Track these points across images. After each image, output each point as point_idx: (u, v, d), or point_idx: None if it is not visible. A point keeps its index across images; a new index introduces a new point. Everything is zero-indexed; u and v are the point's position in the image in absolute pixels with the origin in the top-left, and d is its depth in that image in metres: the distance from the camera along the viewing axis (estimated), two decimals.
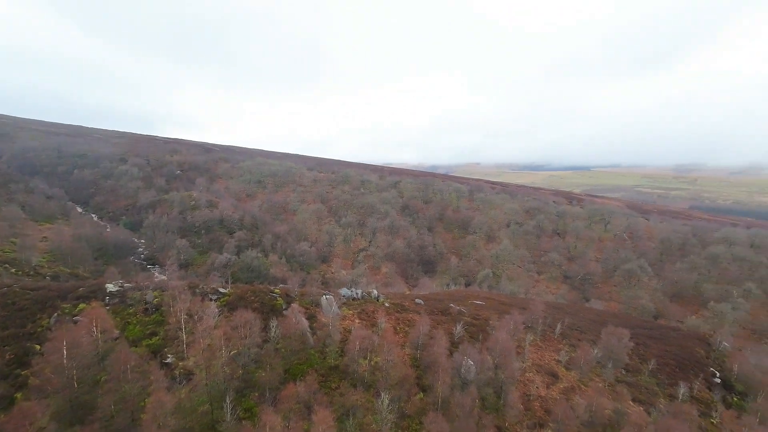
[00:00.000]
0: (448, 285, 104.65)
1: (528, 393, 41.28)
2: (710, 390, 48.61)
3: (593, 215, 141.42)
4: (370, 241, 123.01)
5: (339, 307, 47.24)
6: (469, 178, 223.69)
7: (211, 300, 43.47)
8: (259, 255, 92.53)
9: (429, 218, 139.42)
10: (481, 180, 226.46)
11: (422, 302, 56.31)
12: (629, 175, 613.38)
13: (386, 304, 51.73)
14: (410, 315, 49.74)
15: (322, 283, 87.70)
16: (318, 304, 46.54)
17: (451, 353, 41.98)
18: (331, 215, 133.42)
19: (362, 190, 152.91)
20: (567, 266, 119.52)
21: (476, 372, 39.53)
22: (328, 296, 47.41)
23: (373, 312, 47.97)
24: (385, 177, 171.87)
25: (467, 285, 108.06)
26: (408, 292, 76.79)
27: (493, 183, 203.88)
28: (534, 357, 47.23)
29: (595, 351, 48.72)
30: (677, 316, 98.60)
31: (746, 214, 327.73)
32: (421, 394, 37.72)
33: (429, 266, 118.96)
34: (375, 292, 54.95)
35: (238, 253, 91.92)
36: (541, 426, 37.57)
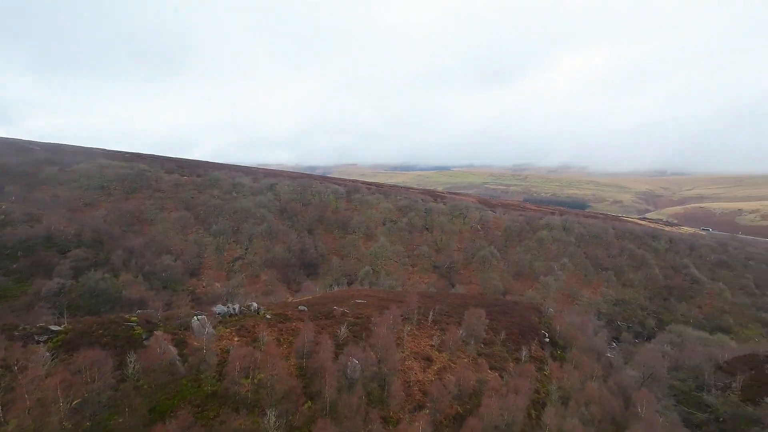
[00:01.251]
0: (331, 286, 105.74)
1: (408, 380, 45.09)
2: (542, 349, 60.94)
3: (454, 211, 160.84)
4: (246, 249, 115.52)
5: (214, 327, 43.44)
6: (346, 179, 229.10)
7: (38, 342, 34.98)
8: (107, 276, 77.81)
9: (309, 220, 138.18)
10: (358, 181, 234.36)
11: (305, 308, 55.87)
12: (480, 174, 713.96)
13: (267, 316, 49.69)
14: (294, 324, 48.88)
15: (193, 301, 78.86)
16: (188, 327, 41.91)
17: (337, 355, 42.91)
18: (199, 223, 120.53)
19: (234, 194, 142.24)
20: (435, 257, 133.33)
21: (361, 370, 41.33)
22: (200, 316, 43.11)
23: (253, 327, 45.53)
24: (259, 179, 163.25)
25: (350, 284, 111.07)
26: (291, 299, 74.98)
27: (369, 184, 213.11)
28: (411, 345, 51.71)
29: (461, 331, 56.03)
30: (519, 290, 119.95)
31: (559, 203, 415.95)
32: (309, 403, 37.65)
33: (311, 269, 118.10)
34: (255, 305, 52.19)
35: (75, 276, 75.52)
36: (421, 408, 41.57)
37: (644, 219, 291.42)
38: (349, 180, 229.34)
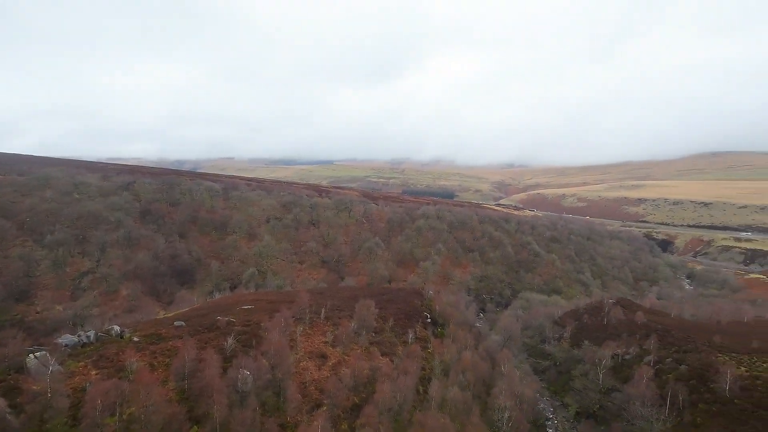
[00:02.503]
0: (212, 293, 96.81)
1: (304, 381, 44.80)
2: (426, 329, 67.34)
3: (339, 205, 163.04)
4: (98, 261, 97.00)
5: (61, 363, 35.77)
6: (222, 175, 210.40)
7: None
8: None
9: (179, 222, 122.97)
10: (236, 177, 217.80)
11: (183, 323, 50.22)
12: (362, 168, 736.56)
13: (135, 339, 43.13)
14: (170, 343, 43.54)
15: (25, 333, 62.92)
16: (22, 369, 33.61)
17: (226, 370, 39.99)
18: (25, 234, 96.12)
19: (77, 196, 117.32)
20: (324, 252, 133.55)
21: (254, 380, 39.42)
22: (38, 353, 34.97)
23: (116, 354, 39.02)
24: (111, 177, 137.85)
25: (233, 288, 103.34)
26: (163, 315, 66.22)
27: (248, 179, 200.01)
28: (305, 345, 51.37)
29: (353, 324, 57.93)
30: (403, 277, 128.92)
31: (432, 194, 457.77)
32: (196, 428, 34.37)
33: (186, 276, 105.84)
34: (116, 327, 44.66)
35: None
36: (319, 406, 41.88)
37: (499, 205, 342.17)
38: (226, 176, 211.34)
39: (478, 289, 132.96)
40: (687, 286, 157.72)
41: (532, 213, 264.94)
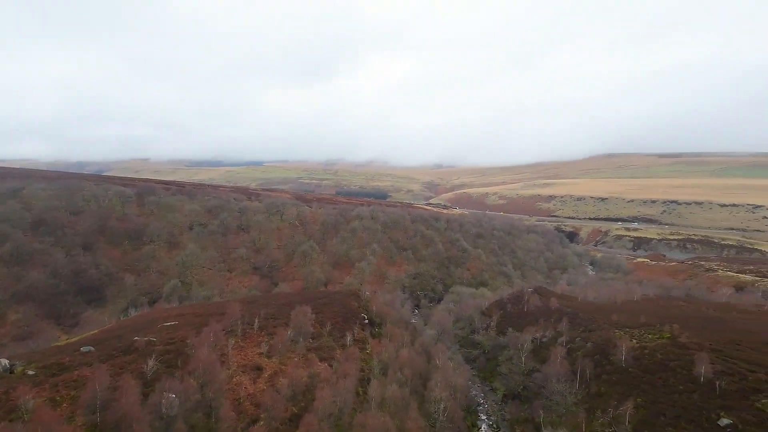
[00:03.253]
0: (126, 311, 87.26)
1: (238, 397, 42.61)
2: (363, 330, 67.96)
3: (270, 208, 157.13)
4: None
5: None
6: (135, 179, 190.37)
7: None
8: None
9: (83, 233, 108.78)
10: (152, 180, 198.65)
11: (92, 348, 44.73)
12: (294, 169, 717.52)
13: (30, 372, 37.41)
14: (76, 372, 38.51)
15: None
16: None
17: (147, 395, 36.49)
18: None
19: None
20: (255, 258, 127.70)
21: (180, 403, 36.54)
22: None
23: (5, 393, 33.48)
24: None
25: (153, 303, 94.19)
26: (66, 340, 58.20)
27: (167, 183, 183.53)
28: (238, 359, 48.87)
29: (289, 332, 56.41)
30: (339, 279, 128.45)
31: (366, 195, 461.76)
32: None
33: (94, 294, 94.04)
34: (4, 361, 38.32)
35: None
36: (255, 421, 40.15)
37: (429, 204, 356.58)
38: (140, 180, 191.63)
39: (413, 286, 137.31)
40: (590, 272, 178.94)
41: (459, 211, 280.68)
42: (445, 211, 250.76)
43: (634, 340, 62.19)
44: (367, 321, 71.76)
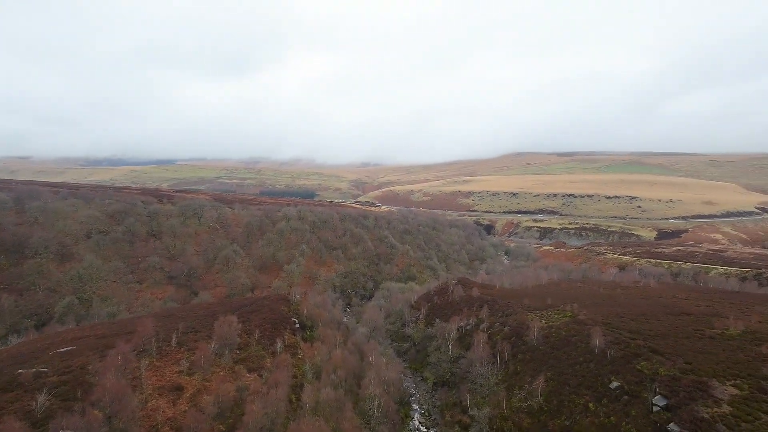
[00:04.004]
0: (5, 339, 73.68)
1: (155, 423, 38.71)
2: (295, 335, 66.16)
3: (186, 211, 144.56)
4: None
5: None
6: (11, 180, 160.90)
7: None
8: None
9: None
10: (36, 182, 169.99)
11: None
12: (212, 168, 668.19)
13: None
14: None
15: None
16: None
17: None
18: None
19: None
20: (170, 267, 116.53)
21: None
22: None
23: None
24: None
25: (40, 327, 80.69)
26: None
27: (55, 185, 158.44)
28: (154, 381, 44.35)
29: (212, 345, 52.67)
30: (266, 283, 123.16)
31: (293, 194, 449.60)
32: None
33: None
34: None
35: None
36: None
37: (357, 202, 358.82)
38: (19, 182, 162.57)
39: (343, 285, 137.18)
40: (505, 261, 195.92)
41: (387, 209, 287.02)
42: (373, 209, 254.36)
43: (543, 321, 69.67)
44: (298, 325, 70.02)
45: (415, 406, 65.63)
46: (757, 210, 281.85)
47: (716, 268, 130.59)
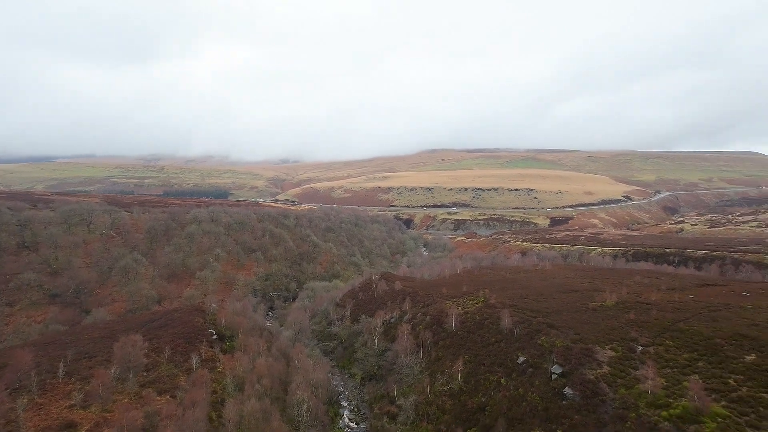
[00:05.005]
0: None
1: None
2: (212, 347, 61.64)
3: (71, 217, 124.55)
4: None
5: None
6: None
7: None
8: None
9: None
10: None
11: None
12: (103, 166, 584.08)
13: None
14: None
15: None
16: None
17: None
18: None
19: None
20: (51, 283, 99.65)
21: None
22: None
23: None
24: None
25: None
26: None
27: None
28: (36, 421, 37.78)
29: (113, 370, 46.59)
30: (176, 293, 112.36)
31: (203, 194, 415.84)
32: None
33: None
34: None
35: None
36: None
37: (276, 201, 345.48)
38: None
39: (265, 288, 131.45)
40: (424, 253, 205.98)
41: (308, 207, 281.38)
42: (293, 208, 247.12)
43: (460, 308, 75.11)
44: (216, 336, 65.35)
45: (345, 404, 66.08)
46: (623, 198, 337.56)
47: (595, 249, 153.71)
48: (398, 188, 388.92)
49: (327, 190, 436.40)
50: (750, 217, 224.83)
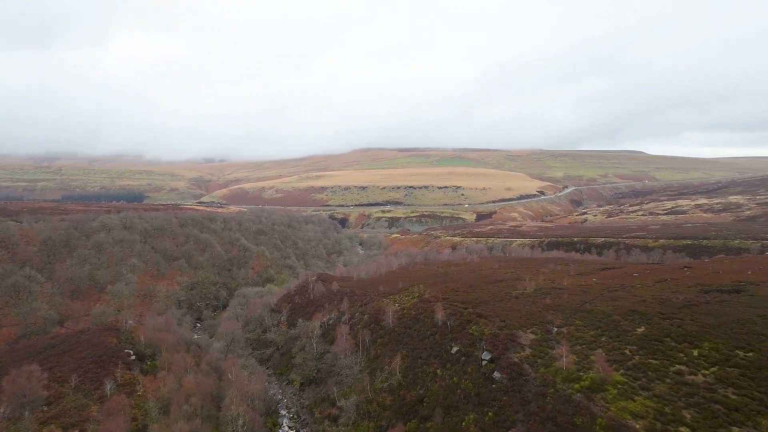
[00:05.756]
0: None
1: None
2: (130, 369, 55.67)
3: None
4: None
5: None
6: None
7: None
8: None
9: None
10: None
11: None
12: None
13: None
14: None
15: None
16: None
17: None
18: None
19: None
20: None
21: None
22: None
23: None
24: None
25: None
26: None
27: None
28: None
29: (1, 410, 39.86)
30: (83, 311, 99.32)
31: (114, 197, 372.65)
32: None
33: None
34: None
35: None
36: None
37: (200, 204, 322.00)
38: None
39: (191, 298, 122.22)
40: (360, 252, 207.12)
41: (237, 209, 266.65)
42: (220, 210, 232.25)
43: (397, 304, 76.97)
44: (134, 356, 59.15)
45: (283, 412, 64.15)
46: (537, 193, 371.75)
47: (516, 240, 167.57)
48: (332, 187, 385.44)
49: (257, 190, 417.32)
50: (637, 207, 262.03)
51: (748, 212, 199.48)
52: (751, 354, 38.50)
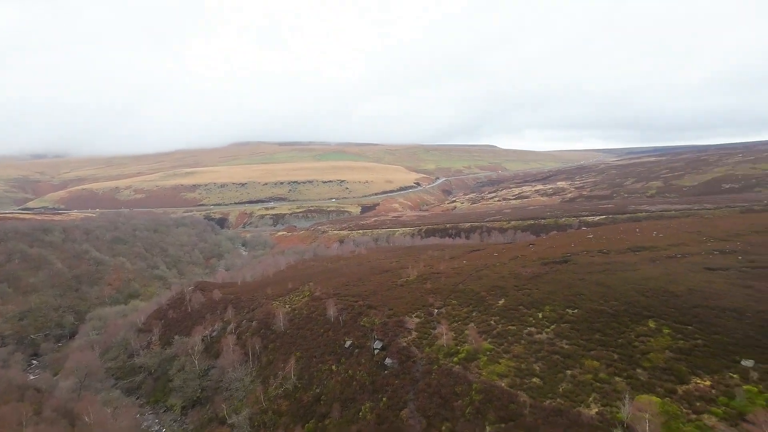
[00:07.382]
0: None
1: None
2: None
3: None
4: None
5: None
6: None
7: None
8: None
9: None
10: None
11: None
12: None
13: None
14: None
15: None
16: None
17: None
18: None
19: None
20: None
21: None
22: None
23: None
24: None
25: None
26: None
27: None
28: None
29: None
30: None
31: None
32: None
33: None
34: None
35: None
36: None
37: (27, 210, 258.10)
38: None
39: (21, 330, 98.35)
40: (244, 253, 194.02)
41: (81, 214, 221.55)
42: (58, 217, 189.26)
43: (287, 306, 75.15)
44: None
45: None
46: (414, 184, 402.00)
47: (398, 230, 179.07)
48: (206, 185, 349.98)
49: (110, 191, 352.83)
50: (494, 194, 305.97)
51: (570, 195, 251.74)
52: (576, 311, 49.41)
